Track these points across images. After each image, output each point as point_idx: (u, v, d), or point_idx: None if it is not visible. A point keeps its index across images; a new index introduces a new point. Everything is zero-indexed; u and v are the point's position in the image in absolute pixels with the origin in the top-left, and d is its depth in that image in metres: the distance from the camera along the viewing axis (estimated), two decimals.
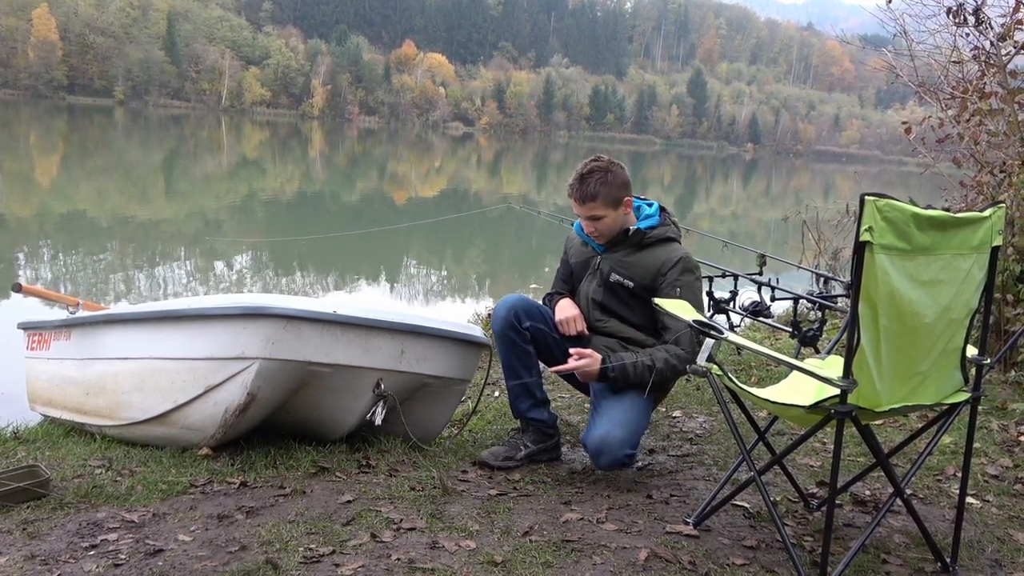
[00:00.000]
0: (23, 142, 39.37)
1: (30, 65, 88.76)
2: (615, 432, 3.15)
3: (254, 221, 19.43)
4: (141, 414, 3.52)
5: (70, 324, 4.08)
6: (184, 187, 27.02)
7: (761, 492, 2.56)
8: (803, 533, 2.85)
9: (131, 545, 2.50)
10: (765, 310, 5.36)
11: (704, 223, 25.48)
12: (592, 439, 3.18)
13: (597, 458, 3.19)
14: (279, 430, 3.59)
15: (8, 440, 3.76)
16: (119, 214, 17.89)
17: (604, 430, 3.16)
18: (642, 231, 3.37)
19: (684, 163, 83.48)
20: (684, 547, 2.65)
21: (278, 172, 36.64)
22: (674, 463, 3.65)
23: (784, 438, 3.91)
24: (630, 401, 3.25)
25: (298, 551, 2.49)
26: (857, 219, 2.12)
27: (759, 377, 5.13)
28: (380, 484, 3.15)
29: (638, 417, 3.25)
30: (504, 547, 2.59)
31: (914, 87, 6.22)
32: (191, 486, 3.05)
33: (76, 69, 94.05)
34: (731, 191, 51.72)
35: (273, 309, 3.13)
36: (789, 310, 5.70)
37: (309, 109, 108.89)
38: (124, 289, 10.78)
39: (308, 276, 12.31)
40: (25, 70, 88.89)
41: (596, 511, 2.95)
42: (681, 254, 3.33)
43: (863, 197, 2.11)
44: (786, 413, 2.60)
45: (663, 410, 4.54)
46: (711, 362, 2.60)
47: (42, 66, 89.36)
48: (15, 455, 3.45)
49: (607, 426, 3.17)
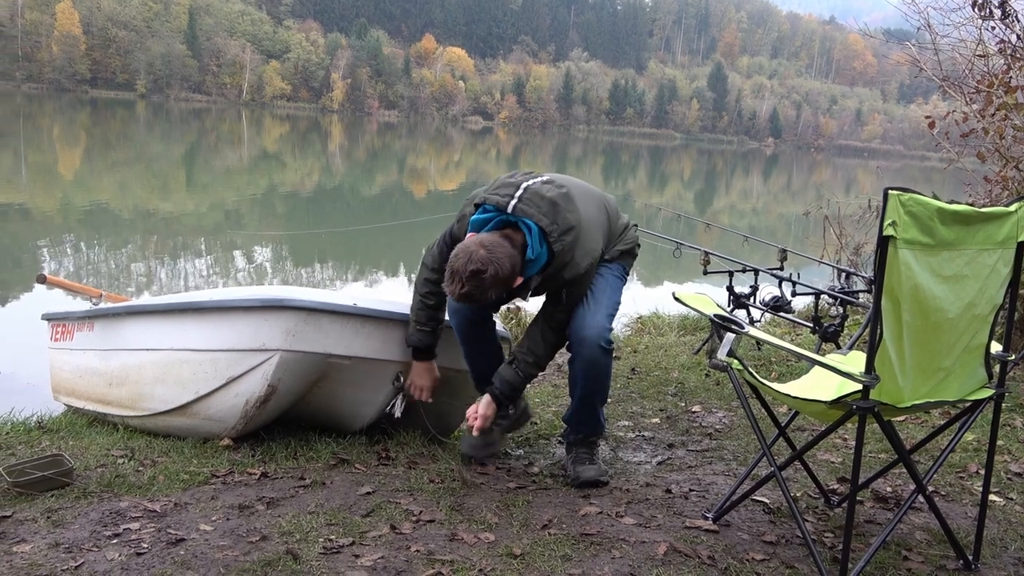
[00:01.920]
0: (47, 135, 39.71)
1: (54, 59, 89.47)
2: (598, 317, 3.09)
3: (274, 214, 19.52)
4: (163, 405, 3.56)
5: (93, 315, 4.12)
6: (205, 180, 27.17)
7: (781, 487, 2.55)
8: (823, 529, 2.84)
9: (153, 534, 2.53)
10: (786, 305, 5.34)
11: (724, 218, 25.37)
12: (577, 323, 3.09)
13: (579, 345, 3.09)
14: (299, 422, 3.61)
15: (32, 430, 3.80)
16: (141, 207, 18.02)
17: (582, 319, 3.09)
18: (530, 281, 2.97)
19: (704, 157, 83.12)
20: (703, 542, 2.65)
21: (298, 166, 36.78)
22: (693, 458, 3.64)
23: (804, 434, 3.90)
24: (601, 287, 3.18)
25: (318, 542, 2.50)
26: (880, 213, 2.11)
27: (779, 373, 5.10)
28: (399, 476, 3.16)
29: (612, 297, 3.20)
30: (523, 540, 2.59)
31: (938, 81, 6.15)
32: (212, 476, 3.07)
33: (99, 63, 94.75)
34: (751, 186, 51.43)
35: (293, 301, 3.15)
36: (810, 305, 5.68)
37: (329, 103, 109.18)
38: (146, 281, 10.85)
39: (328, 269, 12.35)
40: (49, 64, 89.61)
41: (615, 505, 2.95)
42: (581, 269, 3.01)
43: (887, 191, 2.09)
44: (807, 408, 2.59)
45: (682, 404, 4.53)
46: (732, 357, 2.59)
47: (65, 60, 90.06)
48: (39, 444, 3.49)
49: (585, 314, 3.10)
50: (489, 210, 2.93)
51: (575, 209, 2.96)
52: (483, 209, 2.94)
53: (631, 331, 7.43)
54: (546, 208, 2.89)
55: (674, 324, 7.29)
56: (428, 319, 3.26)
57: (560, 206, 2.91)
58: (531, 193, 2.90)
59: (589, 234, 3.02)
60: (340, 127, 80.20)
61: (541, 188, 2.93)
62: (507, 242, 2.83)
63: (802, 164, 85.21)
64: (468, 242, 2.83)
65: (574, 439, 3.32)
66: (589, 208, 3.08)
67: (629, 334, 7.26)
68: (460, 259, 2.77)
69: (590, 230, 3.03)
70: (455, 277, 2.77)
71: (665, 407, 4.51)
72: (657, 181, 48.84)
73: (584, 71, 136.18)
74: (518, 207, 2.87)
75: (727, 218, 25.66)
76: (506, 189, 2.93)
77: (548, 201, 2.90)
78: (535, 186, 2.94)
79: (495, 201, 2.91)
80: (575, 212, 2.95)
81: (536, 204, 2.89)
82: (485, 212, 2.94)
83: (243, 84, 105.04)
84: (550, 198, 2.90)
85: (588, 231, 3.01)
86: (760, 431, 2.68)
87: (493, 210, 2.92)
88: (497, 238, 2.84)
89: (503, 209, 2.88)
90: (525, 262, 2.88)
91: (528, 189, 2.91)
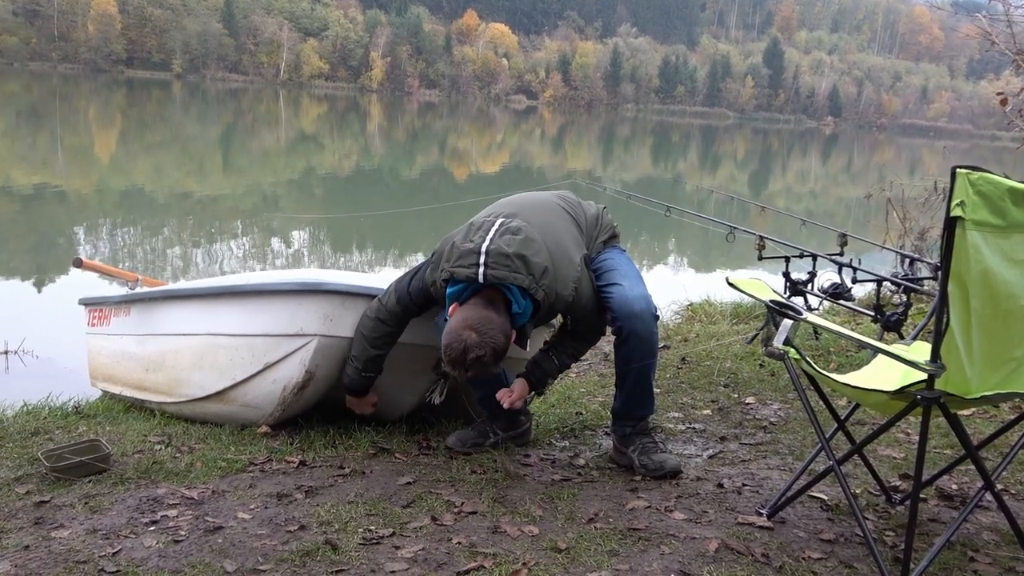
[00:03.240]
0: (82, 116, 40.49)
1: (89, 39, 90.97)
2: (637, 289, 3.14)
3: (312, 197, 19.71)
4: (200, 391, 3.62)
5: (130, 300, 4.20)
6: (241, 162, 27.51)
7: (840, 483, 2.53)
8: (884, 528, 2.80)
9: (191, 522, 2.58)
10: (845, 293, 5.26)
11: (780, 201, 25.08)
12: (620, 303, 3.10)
13: (631, 321, 3.10)
14: (338, 409, 3.64)
15: (70, 415, 3.90)
16: (177, 190, 18.31)
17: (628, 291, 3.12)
18: (524, 329, 3.03)
19: (759, 137, 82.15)
20: (757, 539, 2.63)
21: (336, 147, 37.07)
22: (747, 452, 3.61)
23: (865, 428, 3.84)
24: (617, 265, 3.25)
25: (357, 532, 2.53)
26: (947, 194, 2.06)
27: (838, 363, 5.04)
28: (440, 466, 3.18)
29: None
30: (568, 534, 2.60)
31: (1011, 55, 6.00)
32: (250, 464, 3.13)
33: (134, 43, 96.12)
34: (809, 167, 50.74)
35: (331, 285, 3.18)
36: (871, 293, 5.60)
37: (368, 82, 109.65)
38: (182, 265, 11.04)
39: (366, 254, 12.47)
40: (84, 44, 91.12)
41: (664, 499, 2.94)
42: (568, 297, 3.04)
43: (955, 169, 2.05)
44: (868, 400, 2.56)
45: (735, 396, 4.50)
46: (788, 345, 2.56)
47: (101, 40, 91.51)
48: (76, 430, 3.58)
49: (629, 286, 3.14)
50: (458, 282, 2.94)
51: (540, 250, 2.94)
52: (453, 282, 2.95)
53: (681, 319, 7.38)
54: (517, 265, 2.87)
55: (727, 311, 7.22)
56: (374, 367, 3.27)
57: (527, 256, 2.89)
58: (495, 256, 2.87)
59: (561, 264, 3.01)
60: (379, 107, 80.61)
61: (500, 246, 2.89)
62: (492, 311, 2.85)
63: (863, 144, 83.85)
64: (456, 327, 2.82)
65: (634, 429, 3.32)
66: (552, 234, 3.06)
67: (679, 322, 7.22)
68: (456, 350, 2.79)
69: (561, 261, 3.02)
70: (457, 367, 2.82)
71: (717, 398, 4.47)
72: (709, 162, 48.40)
73: (633, 47, 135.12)
74: (489, 275, 2.86)
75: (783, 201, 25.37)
76: (468, 259, 2.89)
77: (515, 257, 2.87)
78: (494, 247, 2.89)
79: (464, 275, 2.89)
80: (541, 252, 2.94)
81: (505, 265, 2.86)
82: (456, 283, 2.94)
83: (280, 63, 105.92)
84: (515, 253, 2.87)
85: (560, 262, 3.00)
86: (818, 424, 2.65)
87: (462, 283, 2.93)
88: (481, 310, 2.84)
89: (474, 280, 2.88)
90: (512, 316, 2.92)
91: (490, 253, 2.87)
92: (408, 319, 3.20)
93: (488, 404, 3.42)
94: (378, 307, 3.20)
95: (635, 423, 3.32)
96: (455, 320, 2.85)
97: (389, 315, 3.18)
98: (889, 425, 2.48)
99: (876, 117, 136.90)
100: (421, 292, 3.13)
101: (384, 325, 3.19)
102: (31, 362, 6.01)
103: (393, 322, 3.19)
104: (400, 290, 3.18)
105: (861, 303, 5.77)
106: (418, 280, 3.14)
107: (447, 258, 2.97)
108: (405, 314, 3.18)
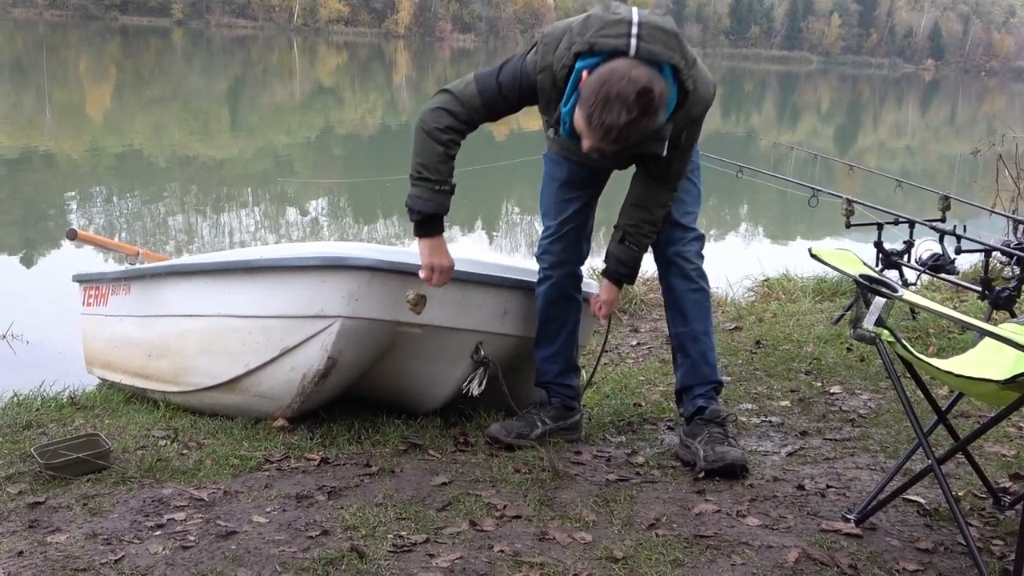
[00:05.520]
0: (72, 70, 40.97)
1: None
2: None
3: (331, 160, 19.82)
4: (209, 379, 3.67)
5: (129, 276, 4.27)
6: (251, 120, 27.71)
7: (941, 485, 2.51)
8: (991, 536, 2.78)
9: (200, 526, 2.63)
10: (948, 265, 5.21)
11: (871, 159, 24.74)
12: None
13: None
14: (363, 400, 3.68)
15: (64, 406, 3.97)
16: (179, 152, 18.50)
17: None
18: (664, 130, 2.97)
19: (847, 85, 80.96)
20: (843, 548, 2.62)
21: (358, 102, 37.21)
22: (831, 448, 3.60)
23: (970, 421, 3.81)
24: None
25: (387, 538, 2.56)
26: None
27: (939, 347, 4.99)
28: (480, 465, 3.21)
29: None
30: (625, 541, 2.61)
31: None
32: (266, 462, 3.17)
33: None
34: (906, 119, 49.96)
35: (356, 260, 3.19)
36: (978, 265, 5.54)
37: (393, 27, 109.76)
38: (186, 238, 11.19)
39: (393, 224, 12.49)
40: None
41: (736, 502, 2.94)
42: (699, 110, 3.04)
43: None
44: (974, 390, 2.53)
45: (818, 385, 4.47)
46: (881, 327, 2.54)
47: None
48: (72, 423, 3.65)
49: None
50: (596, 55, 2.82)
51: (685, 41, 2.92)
52: (586, 56, 2.83)
53: (755, 296, 7.34)
54: (672, 42, 2.82)
55: (808, 288, 7.17)
56: (446, 172, 3.08)
57: (680, 37, 2.86)
58: (649, 28, 2.80)
59: (703, 68, 3.02)
60: (407, 55, 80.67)
61: (654, 19, 2.84)
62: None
63: (969, 91, 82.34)
64: (614, 65, 2.73)
65: (704, 410, 3.36)
66: None
67: (753, 300, 7.18)
68: (618, 80, 2.65)
69: (702, 64, 3.02)
70: (616, 105, 2.64)
71: (797, 388, 4.46)
72: (788, 115, 47.81)
73: None
74: (643, 48, 2.78)
75: (875, 159, 25.02)
76: (616, 28, 2.80)
77: (671, 34, 2.83)
78: (648, 19, 2.84)
79: (610, 46, 2.78)
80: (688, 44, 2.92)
81: (661, 40, 2.80)
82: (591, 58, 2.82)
83: (294, 6, 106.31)
84: (671, 30, 2.83)
85: (701, 65, 3.01)
86: (915, 417, 2.63)
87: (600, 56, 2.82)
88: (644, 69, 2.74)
89: (623, 52, 2.78)
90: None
91: (643, 25, 2.80)
92: (482, 118, 3.07)
93: (551, 366, 3.54)
94: (448, 97, 3.05)
95: (706, 401, 3.38)
96: (605, 69, 2.74)
97: (462, 106, 3.03)
98: (999, 419, 2.46)
99: (985, 60, 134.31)
100: (515, 83, 3.00)
101: (451, 116, 3.04)
102: (21, 348, 6.11)
103: (464, 115, 3.04)
104: (484, 79, 3.03)
105: (966, 277, 5.71)
106: (513, 68, 3.01)
107: (581, 31, 2.86)
108: (484, 109, 3.04)
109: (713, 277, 3.64)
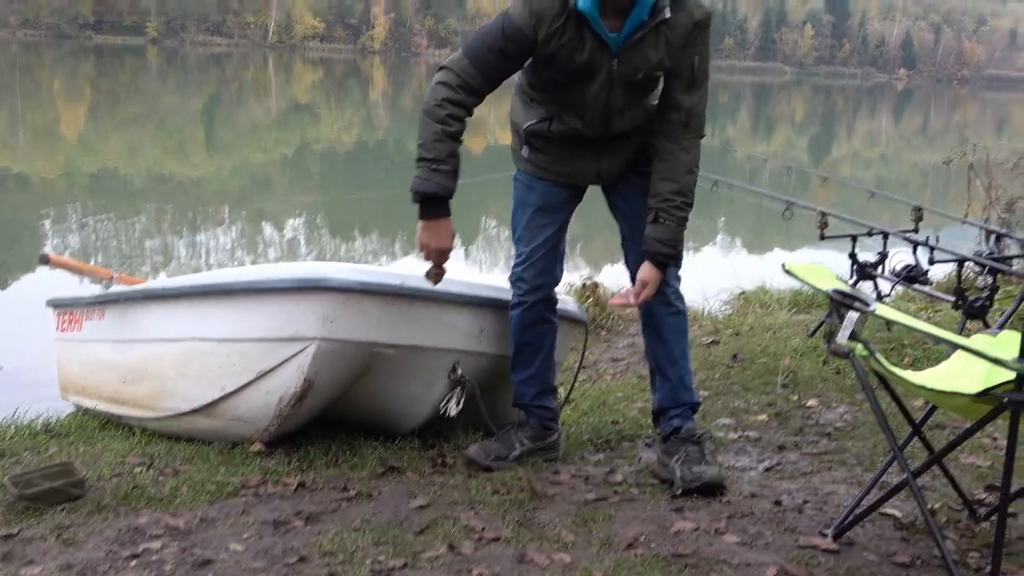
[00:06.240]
0: (46, 89, 40.79)
1: (52, 0, 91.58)
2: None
3: (307, 177, 19.81)
4: (185, 404, 3.65)
5: (104, 301, 4.24)
6: (227, 138, 27.67)
7: (916, 498, 2.52)
8: (968, 548, 2.79)
9: (176, 554, 2.61)
10: (922, 275, 5.25)
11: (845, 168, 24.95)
12: None
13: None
14: (341, 423, 3.67)
15: (39, 433, 3.92)
16: (154, 172, 18.43)
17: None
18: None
19: (820, 95, 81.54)
20: (821, 564, 2.63)
21: (334, 118, 37.20)
22: (808, 463, 3.61)
23: (945, 432, 3.83)
24: None
25: (365, 563, 2.55)
26: None
27: (914, 358, 5.01)
28: (458, 486, 3.20)
29: None
30: (604, 562, 2.61)
31: None
32: (243, 487, 3.15)
33: (104, 4, 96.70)
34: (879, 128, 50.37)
35: (331, 281, 3.19)
36: (951, 275, 5.56)
37: (369, 42, 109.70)
38: (162, 260, 11.14)
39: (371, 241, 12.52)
40: (47, 6, 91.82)
41: (714, 520, 2.94)
42: (702, 12, 3.06)
43: None
44: (948, 402, 2.55)
45: (795, 398, 4.49)
46: (855, 340, 2.55)
47: (66, 1, 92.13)
48: (46, 451, 3.61)
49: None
50: None
51: None
52: None
53: (732, 310, 7.36)
54: None
55: (784, 300, 7.20)
56: (450, 153, 3.03)
57: None
58: None
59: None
60: (383, 71, 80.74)
61: None
62: None
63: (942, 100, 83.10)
64: None
65: (678, 431, 3.35)
66: None
67: (730, 313, 7.20)
68: None
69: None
70: None
71: (774, 401, 4.47)
72: (763, 126, 48.13)
73: None
74: None
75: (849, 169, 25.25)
76: None
77: None
78: None
79: None
80: None
81: None
82: None
83: (269, 23, 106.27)
84: None
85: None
86: (890, 430, 2.65)
87: None
88: None
89: None
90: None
91: None
92: (480, 85, 3.06)
93: (528, 389, 3.52)
94: (443, 71, 3.08)
95: (681, 422, 3.37)
96: None
97: (458, 76, 3.04)
98: (972, 431, 2.47)
99: (957, 68, 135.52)
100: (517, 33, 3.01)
101: (447, 88, 3.03)
102: None
103: (462, 84, 3.03)
104: (475, 48, 3.07)
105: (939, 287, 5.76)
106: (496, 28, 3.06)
107: None
108: (480, 75, 3.04)
109: (690, 291, 3.66)
